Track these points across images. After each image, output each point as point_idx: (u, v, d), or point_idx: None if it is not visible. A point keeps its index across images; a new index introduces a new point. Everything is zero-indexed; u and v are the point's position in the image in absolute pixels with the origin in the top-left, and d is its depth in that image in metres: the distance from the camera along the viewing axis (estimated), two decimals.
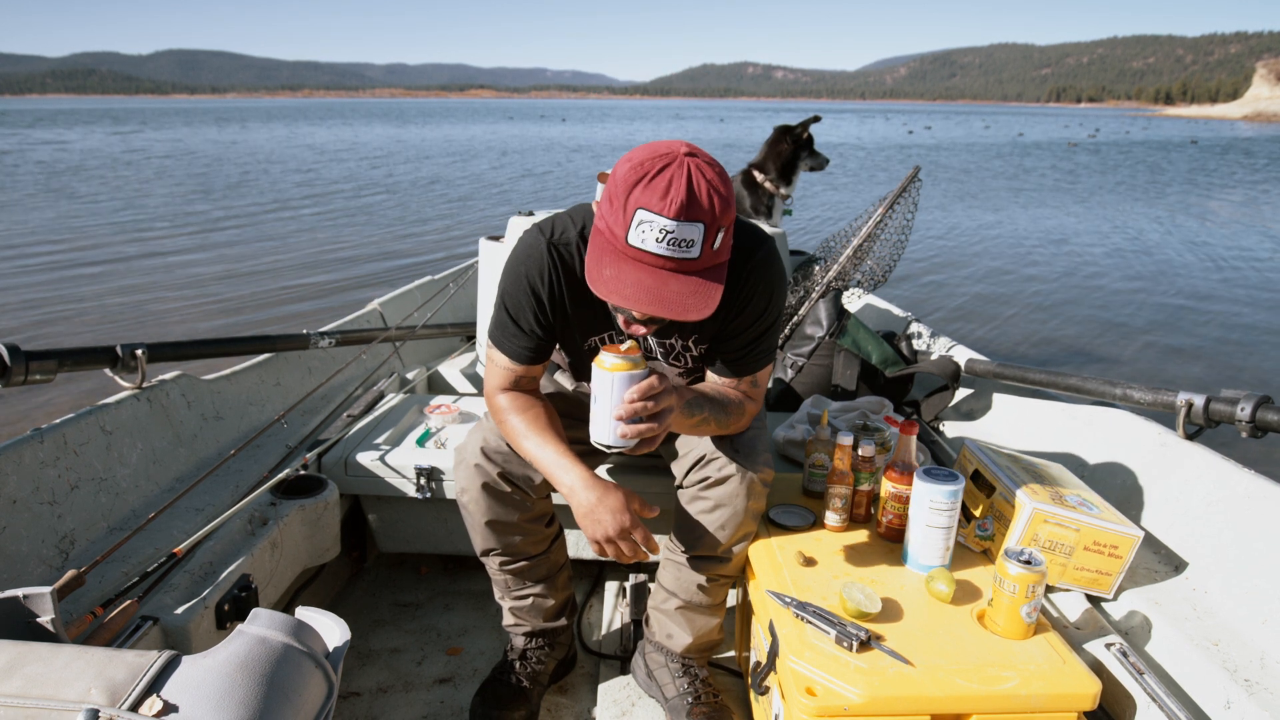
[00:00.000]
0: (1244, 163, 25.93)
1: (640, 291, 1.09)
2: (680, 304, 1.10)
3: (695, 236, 1.08)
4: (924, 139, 39.70)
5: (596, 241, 1.16)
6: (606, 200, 1.14)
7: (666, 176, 1.07)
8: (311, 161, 21.49)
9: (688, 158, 1.10)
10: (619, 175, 1.11)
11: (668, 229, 1.07)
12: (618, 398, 1.15)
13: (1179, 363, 5.52)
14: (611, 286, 1.11)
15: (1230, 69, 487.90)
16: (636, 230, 1.08)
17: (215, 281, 7.32)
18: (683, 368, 1.50)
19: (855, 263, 2.62)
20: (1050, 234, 10.78)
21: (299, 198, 13.61)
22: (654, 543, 1.30)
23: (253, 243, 9.32)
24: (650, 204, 1.06)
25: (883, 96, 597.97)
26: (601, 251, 1.14)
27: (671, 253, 1.08)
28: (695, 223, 1.07)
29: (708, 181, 1.09)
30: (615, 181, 1.11)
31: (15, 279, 7.26)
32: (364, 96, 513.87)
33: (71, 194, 13.50)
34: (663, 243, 1.07)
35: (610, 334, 1.43)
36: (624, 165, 1.11)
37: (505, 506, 1.45)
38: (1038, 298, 7.25)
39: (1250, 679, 1.12)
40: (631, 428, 1.16)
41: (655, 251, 1.09)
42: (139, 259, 8.23)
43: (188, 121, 55.35)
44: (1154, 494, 1.57)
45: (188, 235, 9.70)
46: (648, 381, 1.16)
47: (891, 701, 1.08)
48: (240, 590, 1.42)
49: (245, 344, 2.18)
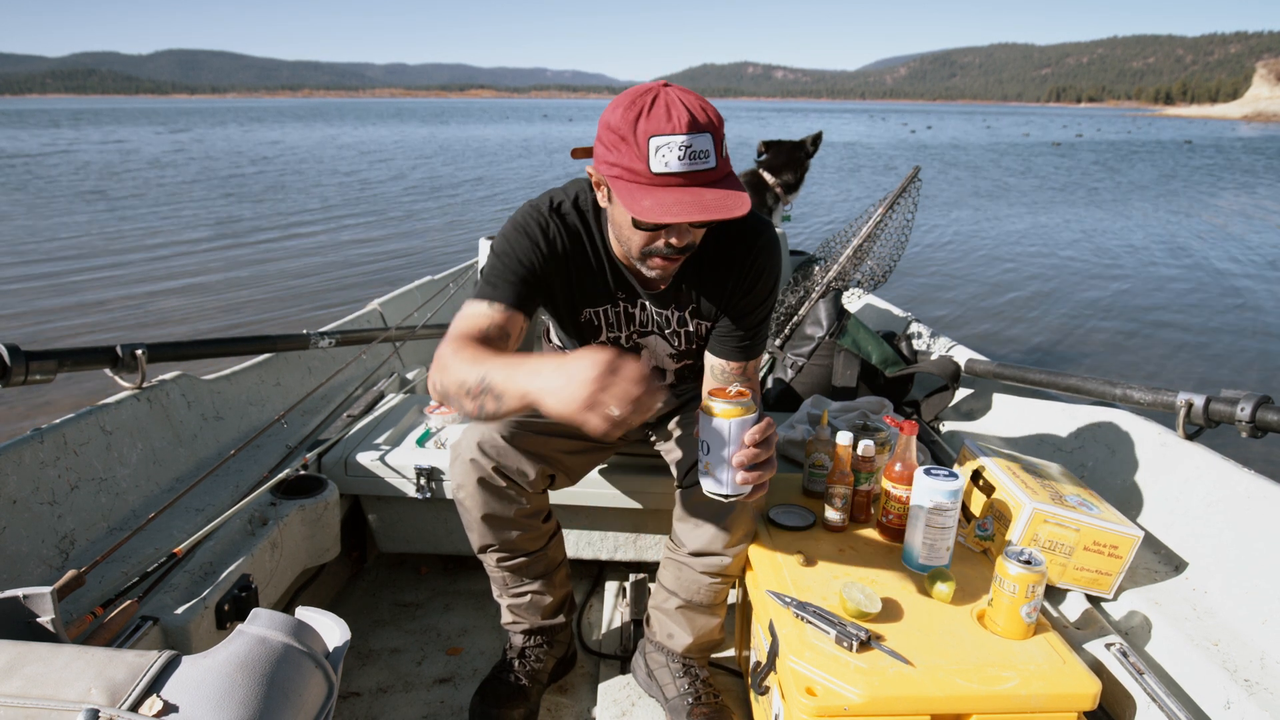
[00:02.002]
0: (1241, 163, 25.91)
1: (683, 206, 1.12)
2: (722, 206, 1.13)
3: (708, 146, 1.13)
4: (924, 138, 39.69)
5: (621, 185, 1.17)
6: (612, 146, 1.16)
7: (662, 103, 1.13)
8: (311, 161, 21.49)
9: (666, 88, 1.17)
10: (615, 120, 1.15)
11: (686, 144, 1.11)
12: (735, 444, 1.12)
13: (1179, 363, 5.52)
14: (657, 211, 1.12)
15: (1230, 69, 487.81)
16: (657, 157, 1.12)
17: (215, 281, 7.32)
18: (675, 349, 1.50)
19: (855, 263, 2.62)
20: (1050, 234, 10.78)
21: (299, 197, 13.61)
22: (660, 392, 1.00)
23: (253, 242, 9.32)
24: (660, 129, 1.11)
25: (883, 96, 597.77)
26: (631, 189, 1.15)
27: (694, 166, 1.13)
28: (704, 133, 1.13)
29: (695, 98, 1.16)
30: (614, 126, 1.15)
31: (15, 279, 7.26)
32: (364, 96, 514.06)
33: (71, 193, 13.51)
34: (684, 159, 1.12)
35: (607, 307, 1.43)
36: (615, 111, 1.15)
37: (501, 502, 1.45)
38: (1038, 297, 7.25)
39: (1250, 679, 1.12)
40: (751, 474, 1.13)
41: (680, 170, 1.13)
42: (139, 259, 8.23)
43: (186, 121, 55.36)
44: (1154, 494, 1.57)
45: (188, 235, 9.70)
46: (764, 424, 1.13)
47: (891, 701, 1.08)
48: (240, 590, 1.42)
49: (245, 344, 2.18)
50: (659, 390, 0.99)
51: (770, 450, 1.15)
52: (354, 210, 12.18)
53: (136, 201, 12.59)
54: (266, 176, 17.15)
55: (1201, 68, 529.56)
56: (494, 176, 18.09)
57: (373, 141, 32.00)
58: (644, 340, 1.49)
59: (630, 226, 1.23)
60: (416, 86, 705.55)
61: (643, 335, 1.48)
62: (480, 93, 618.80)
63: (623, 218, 1.23)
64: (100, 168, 18.34)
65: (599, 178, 1.24)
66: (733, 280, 1.40)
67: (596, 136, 1.21)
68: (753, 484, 1.14)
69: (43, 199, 12.74)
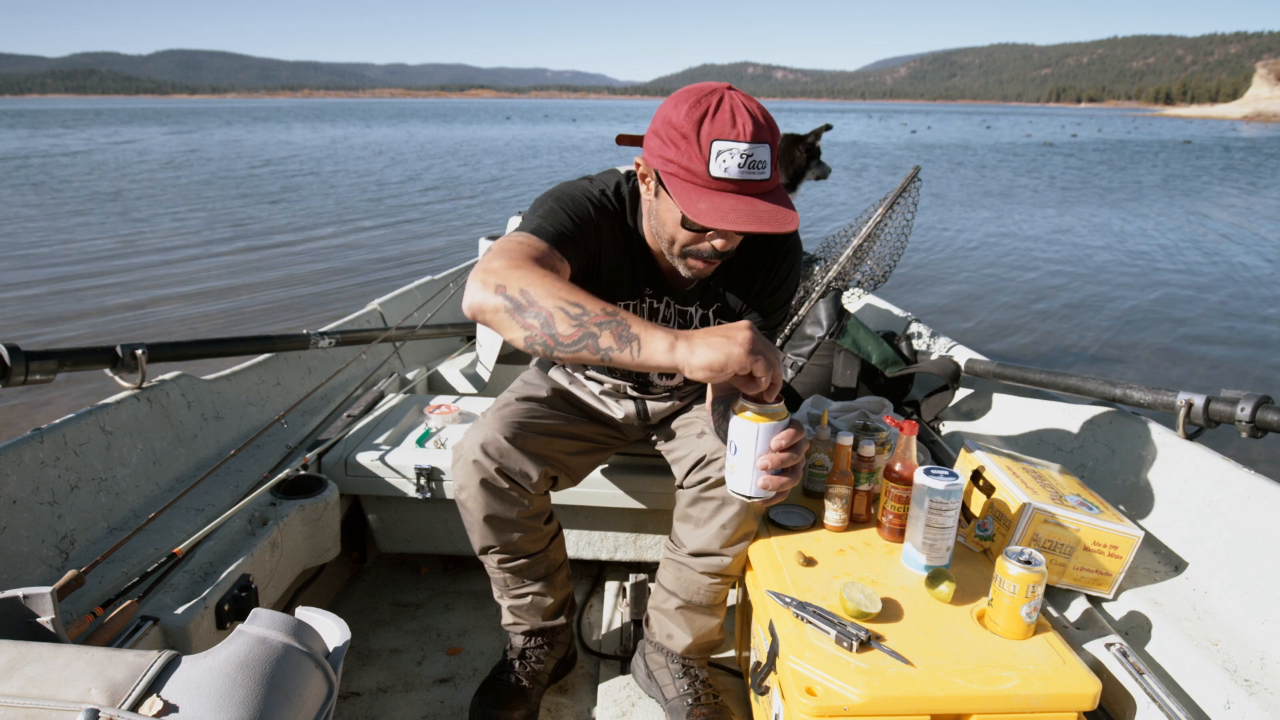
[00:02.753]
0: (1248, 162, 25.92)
1: (739, 215, 1.12)
2: (774, 219, 1.13)
3: (766, 157, 1.14)
4: (926, 138, 39.68)
5: (676, 183, 1.16)
6: (670, 142, 1.15)
7: (727, 107, 1.13)
8: (311, 161, 21.49)
9: (730, 91, 1.17)
10: (678, 118, 1.14)
11: (748, 153, 1.12)
12: (762, 447, 1.12)
13: (1179, 363, 5.52)
14: (713, 216, 1.12)
15: (1230, 69, 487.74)
16: (718, 162, 1.12)
17: (215, 281, 7.32)
18: None
19: (855, 263, 2.62)
20: (1049, 234, 10.78)
21: (299, 197, 13.61)
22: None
23: (253, 242, 9.32)
24: (724, 134, 1.12)
25: (883, 96, 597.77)
26: (689, 189, 1.15)
27: (751, 175, 1.14)
28: (764, 144, 1.14)
29: (757, 106, 1.16)
30: (675, 124, 1.14)
31: (15, 279, 7.26)
32: (364, 97, 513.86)
33: (69, 194, 13.51)
34: (744, 167, 1.13)
35: (633, 303, 1.42)
36: (679, 108, 1.15)
37: (503, 503, 1.45)
38: (1037, 297, 7.25)
39: (1250, 679, 1.12)
40: (774, 479, 1.13)
41: (737, 177, 1.13)
42: (139, 259, 8.24)
43: (186, 121, 55.36)
44: (1154, 494, 1.57)
45: (187, 235, 9.70)
46: (791, 430, 1.13)
47: (891, 701, 1.08)
48: (240, 590, 1.42)
49: (245, 344, 2.18)
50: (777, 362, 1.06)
51: (799, 457, 1.14)
52: (353, 209, 12.18)
53: (150, 202, 12.56)
54: (266, 176, 17.15)
55: (1201, 68, 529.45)
56: (509, 177, 18.07)
57: (384, 142, 31.99)
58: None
59: (677, 224, 1.23)
60: (416, 86, 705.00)
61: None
62: (480, 93, 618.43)
63: (669, 214, 1.23)
64: (114, 169, 18.30)
65: (648, 170, 1.23)
66: (760, 280, 1.42)
67: (651, 129, 1.21)
68: (774, 490, 1.14)
69: (57, 199, 12.73)
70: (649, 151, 1.21)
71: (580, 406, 1.63)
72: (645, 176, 1.26)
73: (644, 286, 1.42)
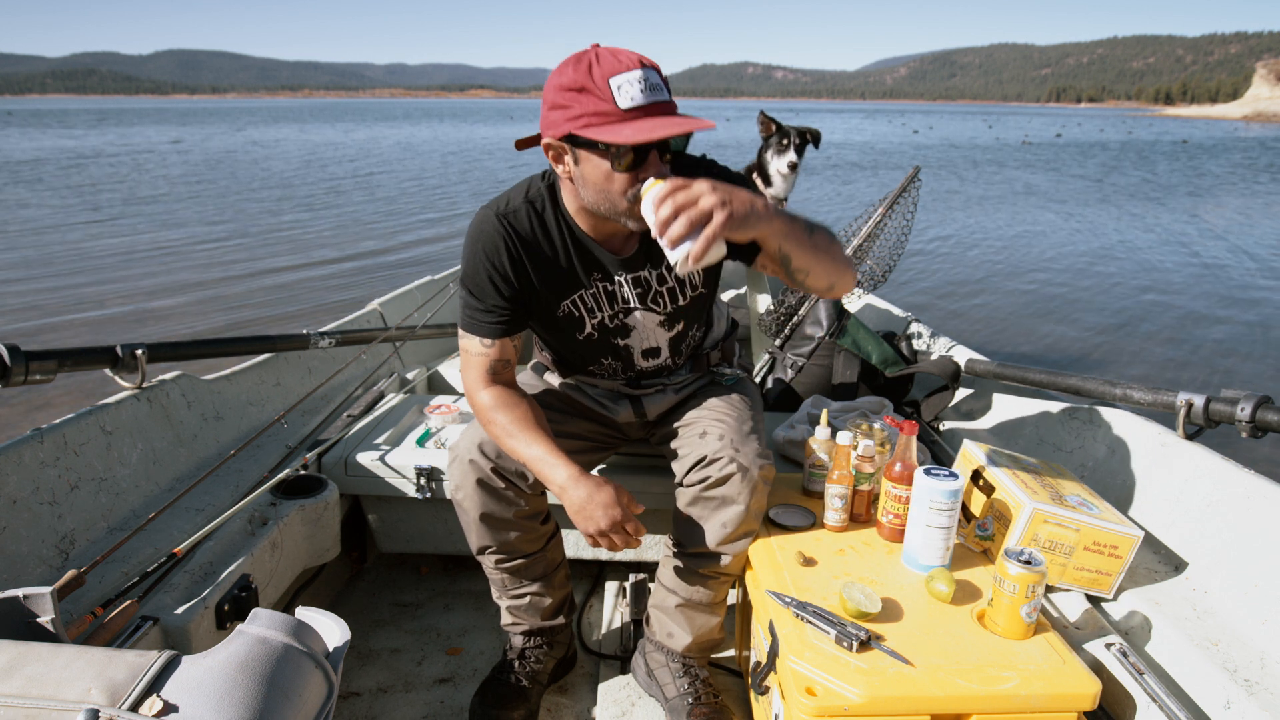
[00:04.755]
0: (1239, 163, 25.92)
1: (661, 127, 1.16)
2: (693, 122, 1.16)
3: (659, 80, 1.19)
4: (927, 138, 39.68)
5: (594, 129, 1.17)
6: (571, 102, 1.18)
7: (605, 52, 1.19)
8: (311, 161, 21.49)
9: (596, 46, 1.22)
10: (567, 79, 1.18)
11: (643, 78, 1.17)
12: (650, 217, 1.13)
13: (1179, 363, 5.52)
14: (640, 133, 1.15)
15: (1230, 69, 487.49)
16: (621, 94, 1.16)
17: (215, 281, 7.32)
18: (663, 312, 1.48)
19: (855, 263, 2.61)
20: (1048, 233, 10.78)
21: (299, 197, 13.61)
22: (643, 529, 1.35)
23: (253, 242, 9.32)
24: (615, 70, 1.16)
25: (883, 96, 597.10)
26: (607, 127, 1.17)
27: (655, 98, 1.18)
28: (652, 69, 1.19)
29: (622, 49, 1.22)
30: (567, 84, 1.18)
31: (15, 278, 7.26)
32: (364, 96, 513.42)
33: (68, 193, 13.51)
34: (645, 90, 1.17)
35: (583, 293, 1.43)
36: (564, 73, 1.19)
37: (499, 503, 1.45)
38: (1038, 297, 7.26)
39: (1250, 679, 1.12)
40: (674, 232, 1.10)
41: (644, 102, 1.17)
42: (139, 259, 8.24)
43: (187, 121, 55.35)
44: (1154, 494, 1.57)
45: (187, 235, 9.70)
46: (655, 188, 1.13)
47: (891, 701, 1.08)
48: (240, 590, 1.42)
49: (245, 344, 2.18)
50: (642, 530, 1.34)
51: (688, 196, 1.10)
52: (353, 209, 12.18)
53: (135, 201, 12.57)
54: (266, 176, 17.14)
55: (1201, 68, 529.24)
56: (496, 175, 18.06)
57: (372, 141, 32.00)
58: (629, 319, 1.48)
59: (609, 175, 1.22)
60: (416, 86, 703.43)
61: (626, 314, 1.47)
62: (480, 93, 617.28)
63: (596, 172, 1.22)
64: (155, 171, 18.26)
65: (559, 146, 1.24)
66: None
67: (546, 106, 1.23)
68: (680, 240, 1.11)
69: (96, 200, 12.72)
70: (552, 126, 1.22)
71: (578, 407, 1.63)
72: (559, 155, 1.26)
73: (591, 272, 1.41)
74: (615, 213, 1.27)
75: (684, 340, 1.55)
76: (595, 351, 1.52)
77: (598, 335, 1.48)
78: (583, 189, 1.27)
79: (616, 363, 1.54)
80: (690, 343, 1.58)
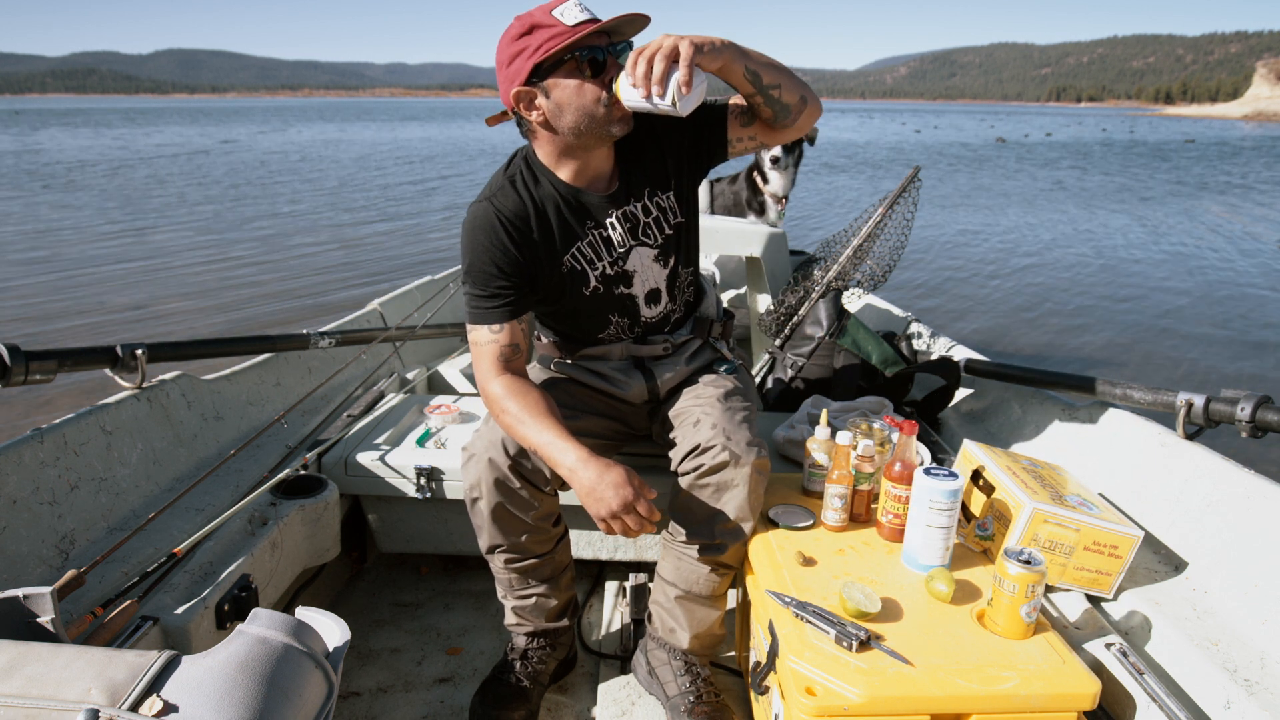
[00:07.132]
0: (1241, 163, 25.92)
1: (611, 19, 1.29)
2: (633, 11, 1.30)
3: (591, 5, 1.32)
4: (928, 138, 39.67)
5: (555, 48, 1.28)
6: (525, 45, 1.30)
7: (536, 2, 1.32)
8: (311, 161, 21.49)
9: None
10: (514, 32, 1.31)
11: (579, 2, 1.30)
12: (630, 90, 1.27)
13: (1179, 362, 5.52)
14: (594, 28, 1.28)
15: (1230, 69, 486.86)
16: (567, 15, 1.29)
17: (215, 281, 7.32)
18: (657, 245, 1.52)
19: (855, 263, 2.61)
20: (1049, 234, 10.78)
21: (298, 197, 13.61)
22: (657, 513, 1.32)
23: (253, 242, 9.32)
24: (556, 3, 1.30)
25: (883, 96, 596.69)
26: (561, 43, 1.28)
27: (594, 14, 1.31)
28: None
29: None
30: (515, 35, 1.31)
31: (14, 277, 7.26)
32: (364, 96, 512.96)
33: (67, 192, 13.51)
34: (583, 9, 1.30)
35: (581, 244, 1.46)
36: (510, 31, 1.32)
37: (515, 503, 1.45)
38: (1038, 297, 7.26)
39: (1250, 679, 1.12)
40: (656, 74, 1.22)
41: (588, 17, 1.30)
42: (139, 258, 8.24)
43: (185, 121, 55.37)
44: (1154, 494, 1.57)
45: (187, 235, 9.70)
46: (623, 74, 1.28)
47: (891, 701, 1.08)
48: (240, 590, 1.42)
49: (245, 344, 2.18)
50: (656, 514, 1.31)
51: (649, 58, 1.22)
52: (353, 209, 12.18)
53: (134, 201, 12.57)
54: (266, 176, 17.14)
55: (1201, 67, 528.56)
56: None
57: (372, 141, 31.99)
58: (627, 265, 1.50)
59: (582, 88, 1.31)
60: (417, 86, 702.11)
61: (625, 258, 1.50)
62: (480, 92, 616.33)
63: (570, 93, 1.32)
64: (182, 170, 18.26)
65: (527, 91, 1.32)
66: (658, 128, 1.47)
67: (501, 65, 1.34)
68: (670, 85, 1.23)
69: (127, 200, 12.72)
70: (516, 75, 1.31)
71: (585, 398, 1.63)
72: (530, 100, 1.34)
73: (584, 221, 1.46)
74: (597, 124, 1.34)
75: (678, 280, 1.58)
76: (602, 308, 1.53)
77: (602, 289, 1.50)
78: (562, 118, 1.35)
79: (624, 319, 1.55)
80: (684, 283, 1.60)
